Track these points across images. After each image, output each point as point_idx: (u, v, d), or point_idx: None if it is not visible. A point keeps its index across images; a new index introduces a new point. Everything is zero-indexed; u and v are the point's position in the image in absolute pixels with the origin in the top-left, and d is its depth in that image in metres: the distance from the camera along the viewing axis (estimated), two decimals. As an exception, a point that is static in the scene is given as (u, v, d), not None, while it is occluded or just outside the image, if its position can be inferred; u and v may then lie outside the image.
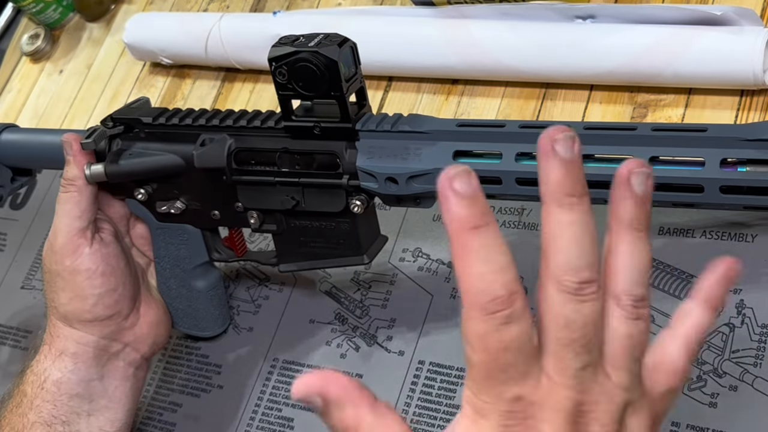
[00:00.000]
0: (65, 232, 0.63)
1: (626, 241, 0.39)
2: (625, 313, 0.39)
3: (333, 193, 0.60)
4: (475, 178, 0.37)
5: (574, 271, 0.38)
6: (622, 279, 0.39)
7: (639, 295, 0.39)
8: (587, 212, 0.38)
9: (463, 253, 0.37)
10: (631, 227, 0.39)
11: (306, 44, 0.55)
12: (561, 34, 0.70)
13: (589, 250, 0.38)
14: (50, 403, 0.63)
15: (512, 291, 0.37)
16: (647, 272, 0.40)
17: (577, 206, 0.38)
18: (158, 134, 0.64)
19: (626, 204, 0.39)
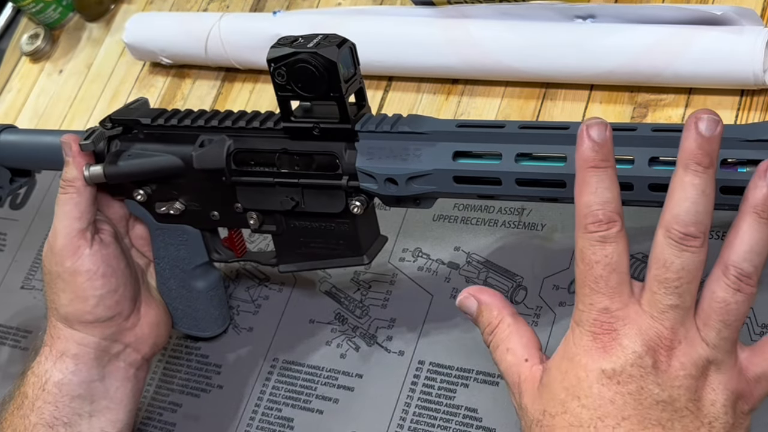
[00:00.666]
0: (65, 234, 0.63)
1: (748, 221, 0.44)
2: (728, 281, 0.44)
3: (332, 194, 0.59)
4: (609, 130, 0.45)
5: (682, 223, 0.44)
6: (734, 251, 0.44)
7: (745, 270, 0.44)
8: (708, 182, 0.44)
9: (580, 184, 0.46)
10: (756, 211, 0.44)
11: (305, 45, 0.55)
12: (561, 34, 0.70)
13: (701, 210, 0.44)
14: (52, 405, 0.63)
15: (610, 219, 0.45)
16: (760, 254, 0.44)
17: (700, 173, 0.44)
18: (157, 135, 0.64)
19: (758, 192, 0.44)
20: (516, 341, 0.49)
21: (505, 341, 0.49)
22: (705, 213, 0.44)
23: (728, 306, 0.44)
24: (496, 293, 0.51)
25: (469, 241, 0.68)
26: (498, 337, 0.50)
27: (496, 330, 0.50)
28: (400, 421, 0.63)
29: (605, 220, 0.45)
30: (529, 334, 0.50)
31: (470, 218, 0.69)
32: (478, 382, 0.62)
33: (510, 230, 0.67)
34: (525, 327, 0.50)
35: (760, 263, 0.44)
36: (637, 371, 0.44)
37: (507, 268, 0.65)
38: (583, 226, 0.46)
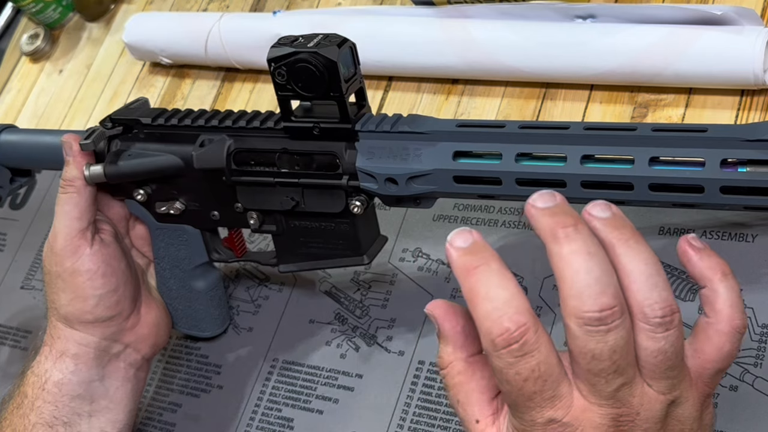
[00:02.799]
0: (65, 234, 0.63)
1: (621, 253, 0.39)
2: (651, 328, 0.39)
3: (333, 194, 0.59)
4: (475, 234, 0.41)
5: (590, 301, 0.38)
6: (636, 290, 0.39)
7: (659, 300, 0.39)
8: (586, 238, 0.39)
9: (469, 297, 0.40)
10: (617, 239, 0.40)
11: (305, 45, 0.55)
12: (561, 34, 0.70)
13: (599, 274, 0.38)
14: (51, 404, 0.63)
15: (520, 323, 0.38)
16: (657, 273, 0.39)
17: (572, 235, 0.39)
18: (157, 135, 0.64)
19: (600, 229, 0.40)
20: (467, 393, 0.43)
21: (454, 390, 0.44)
22: (605, 275, 0.38)
23: (667, 353, 0.40)
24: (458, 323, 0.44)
25: (469, 241, 0.67)
26: (447, 382, 0.44)
27: (446, 372, 0.44)
28: (400, 421, 0.63)
29: (514, 328, 0.38)
30: (482, 383, 0.43)
31: (470, 218, 0.69)
32: (478, 382, 0.62)
33: (510, 230, 0.67)
34: (480, 371, 0.44)
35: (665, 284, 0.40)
36: None
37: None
38: (491, 343, 0.39)
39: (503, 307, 0.39)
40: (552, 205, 0.40)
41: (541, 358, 0.39)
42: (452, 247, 0.41)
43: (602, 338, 0.38)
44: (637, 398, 0.40)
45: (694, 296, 0.58)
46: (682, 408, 0.41)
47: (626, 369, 0.39)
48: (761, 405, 0.54)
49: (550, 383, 0.39)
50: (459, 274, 0.40)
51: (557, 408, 0.40)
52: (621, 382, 0.39)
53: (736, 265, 0.57)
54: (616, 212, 0.40)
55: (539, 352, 0.39)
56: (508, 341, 0.38)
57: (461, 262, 0.40)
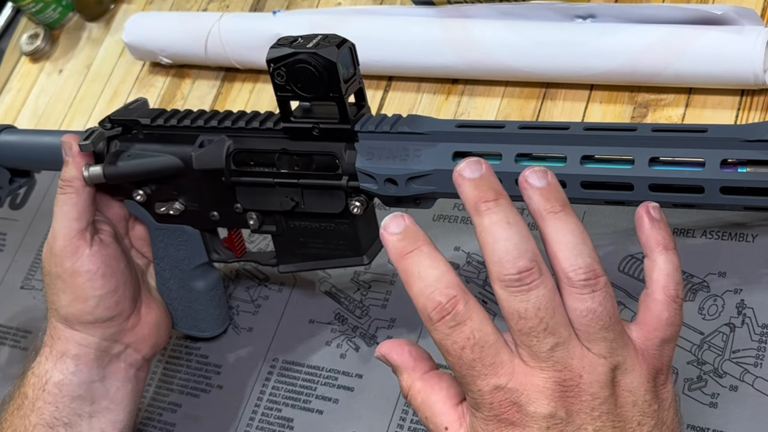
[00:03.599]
0: (64, 234, 0.63)
1: (549, 223, 0.43)
2: (577, 290, 0.42)
3: (332, 195, 0.59)
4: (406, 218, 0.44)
5: (508, 264, 0.41)
6: (562, 258, 0.42)
7: (584, 267, 0.42)
8: (506, 210, 0.42)
9: (403, 277, 0.43)
10: (546, 211, 0.43)
11: (304, 45, 0.55)
12: (561, 34, 0.70)
13: (517, 241, 0.41)
14: (52, 405, 0.63)
15: (450, 296, 0.42)
16: (582, 242, 0.42)
17: (493, 208, 0.42)
18: (156, 135, 0.64)
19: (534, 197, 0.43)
20: (430, 407, 0.45)
21: (420, 409, 0.46)
22: (523, 241, 0.41)
23: (596, 313, 0.42)
24: (404, 350, 0.47)
25: (469, 241, 0.67)
26: (413, 404, 0.46)
27: (408, 397, 0.47)
28: (400, 421, 0.63)
29: (445, 299, 0.42)
30: (443, 393, 0.46)
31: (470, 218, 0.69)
32: (478, 382, 0.62)
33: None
34: (438, 383, 0.46)
35: (590, 250, 0.42)
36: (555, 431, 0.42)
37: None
38: (428, 318, 0.42)
39: (435, 284, 0.42)
40: (477, 176, 0.43)
41: (474, 325, 0.42)
42: (387, 232, 0.44)
43: (524, 297, 0.41)
44: (576, 360, 0.42)
45: (694, 296, 0.58)
46: (629, 377, 0.43)
47: (557, 328, 0.41)
48: (761, 405, 0.53)
49: (487, 350, 0.42)
50: (394, 258, 0.43)
51: (500, 375, 0.42)
52: (554, 341, 0.41)
53: (736, 265, 0.58)
54: (551, 181, 0.43)
55: (471, 320, 0.42)
56: (442, 313, 0.42)
57: (396, 247, 0.43)
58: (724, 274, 0.58)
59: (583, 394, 0.42)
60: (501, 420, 0.42)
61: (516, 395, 0.42)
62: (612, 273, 0.61)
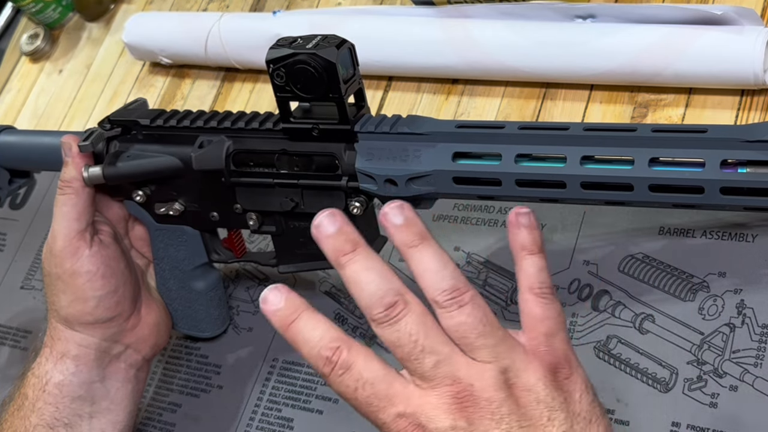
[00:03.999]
0: (64, 235, 0.63)
1: (411, 258, 0.46)
2: (446, 310, 0.45)
3: (332, 195, 0.59)
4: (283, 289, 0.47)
5: (375, 305, 0.45)
6: (427, 285, 0.45)
7: (447, 288, 0.45)
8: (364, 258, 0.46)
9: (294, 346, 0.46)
10: (407, 247, 0.46)
11: (304, 46, 0.55)
12: (561, 34, 0.70)
13: (379, 282, 0.45)
14: (52, 406, 0.63)
15: (333, 348, 0.45)
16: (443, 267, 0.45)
17: (352, 259, 0.46)
18: (156, 136, 0.64)
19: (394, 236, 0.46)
20: None
21: None
22: (384, 281, 0.45)
23: (468, 324, 0.45)
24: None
25: (469, 241, 0.67)
26: None
27: None
28: (400, 421, 0.63)
29: (330, 354, 0.45)
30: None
31: (470, 218, 0.69)
32: (478, 382, 0.62)
33: (510, 230, 0.67)
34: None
35: (452, 272, 0.45)
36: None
37: (507, 268, 0.65)
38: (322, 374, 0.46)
39: (318, 343, 0.46)
40: (333, 231, 0.46)
41: (360, 366, 0.45)
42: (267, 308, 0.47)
43: (395, 328, 0.45)
44: (463, 371, 0.44)
45: (694, 296, 0.58)
46: (523, 377, 0.45)
47: (434, 347, 0.44)
48: (761, 405, 0.53)
49: (378, 384, 0.45)
50: (280, 332, 0.47)
51: (397, 403, 0.45)
52: (435, 359, 0.44)
53: (736, 265, 0.58)
54: (408, 215, 0.46)
55: (356, 362, 0.45)
56: (330, 365, 0.45)
57: (278, 320, 0.46)
58: (724, 274, 0.58)
59: (479, 401, 0.44)
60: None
61: (416, 417, 0.44)
62: (612, 273, 0.61)
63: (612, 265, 0.61)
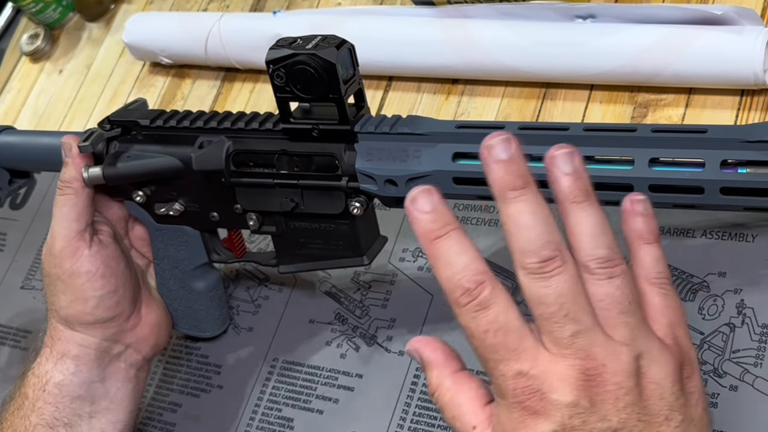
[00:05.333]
0: (63, 235, 0.63)
1: (571, 213, 0.43)
2: (595, 277, 0.42)
3: (332, 195, 0.59)
4: (435, 195, 0.43)
5: (531, 253, 0.42)
6: (581, 247, 0.43)
7: (602, 256, 0.42)
8: (532, 199, 0.42)
9: (432, 261, 0.43)
10: (569, 201, 0.43)
11: (303, 46, 0.55)
12: (561, 34, 0.70)
13: (541, 231, 0.42)
14: (52, 405, 0.63)
15: (478, 282, 0.42)
16: (602, 233, 0.43)
17: (520, 197, 0.42)
18: (156, 137, 0.64)
19: (559, 183, 0.43)
20: (459, 406, 0.45)
21: (448, 407, 0.46)
22: (548, 231, 0.42)
23: (614, 297, 0.42)
24: (438, 347, 0.47)
25: (469, 242, 0.67)
26: (440, 402, 0.46)
27: (437, 394, 0.46)
28: (400, 421, 0.63)
29: (473, 286, 0.42)
30: (472, 393, 0.45)
31: (470, 218, 0.69)
32: (478, 382, 0.62)
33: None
34: (467, 383, 0.46)
35: (609, 241, 0.43)
36: (578, 420, 0.41)
37: (507, 268, 0.65)
38: (455, 302, 0.43)
39: (462, 271, 0.43)
40: (506, 158, 0.42)
41: (499, 310, 0.42)
42: (416, 209, 0.43)
43: (545, 283, 0.42)
44: (599, 348, 0.42)
45: (694, 296, 0.58)
46: (654, 368, 0.42)
47: (578, 315, 0.42)
48: (761, 405, 0.53)
49: (511, 335, 0.42)
50: (422, 239, 0.43)
51: (523, 360, 0.42)
52: (575, 328, 0.42)
53: (736, 265, 0.58)
54: (577, 167, 0.43)
55: (496, 305, 0.42)
56: (468, 298, 0.42)
57: (426, 228, 0.43)
58: (724, 274, 0.58)
59: (607, 384, 0.41)
60: (524, 407, 0.42)
61: (539, 382, 0.42)
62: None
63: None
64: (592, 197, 0.43)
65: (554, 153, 0.43)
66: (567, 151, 0.43)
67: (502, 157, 0.42)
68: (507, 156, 0.42)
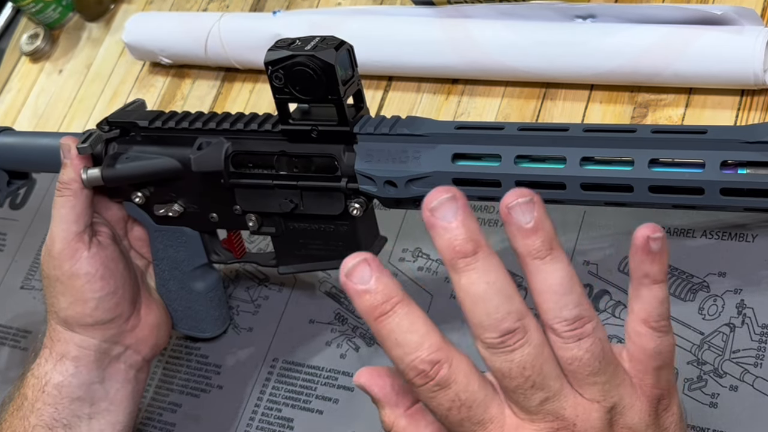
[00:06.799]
0: (62, 237, 0.63)
1: (534, 271, 0.39)
2: (562, 340, 0.39)
3: (331, 196, 0.59)
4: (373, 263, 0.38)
5: (490, 328, 0.38)
6: (547, 308, 0.39)
7: (569, 318, 0.39)
8: (485, 266, 0.38)
9: (381, 341, 0.39)
10: (531, 257, 0.39)
11: (302, 48, 0.55)
12: (561, 34, 0.70)
13: (499, 301, 0.38)
14: (51, 407, 0.63)
15: (433, 361, 0.39)
16: (569, 291, 0.39)
17: (471, 264, 0.38)
18: (154, 138, 0.64)
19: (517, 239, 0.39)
20: None
21: None
22: (506, 301, 0.38)
23: (583, 360, 0.39)
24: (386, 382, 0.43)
25: (469, 242, 0.67)
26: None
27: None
28: (400, 422, 0.63)
29: (428, 367, 0.39)
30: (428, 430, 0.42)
31: (470, 218, 0.69)
32: (478, 382, 0.62)
33: (510, 231, 0.66)
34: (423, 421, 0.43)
35: (577, 298, 0.39)
36: None
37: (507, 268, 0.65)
38: (411, 382, 0.40)
39: (415, 351, 0.39)
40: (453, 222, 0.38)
41: (459, 388, 0.39)
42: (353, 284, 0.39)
43: (508, 357, 0.39)
44: (569, 410, 0.40)
45: (694, 296, 0.58)
46: (628, 416, 0.41)
47: (545, 383, 0.39)
48: (761, 405, 0.53)
49: (474, 408, 0.40)
50: (366, 318, 0.39)
51: (489, 430, 0.40)
52: (543, 396, 0.40)
53: (736, 265, 0.58)
54: (538, 217, 0.38)
55: (456, 383, 0.39)
56: (425, 380, 0.39)
57: (367, 307, 0.39)
58: (724, 274, 0.58)
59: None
60: None
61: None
62: (612, 273, 0.61)
63: (612, 265, 0.61)
64: (556, 249, 0.39)
65: (510, 203, 0.38)
66: (525, 200, 0.38)
67: (448, 221, 0.38)
68: (453, 218, 0.38)
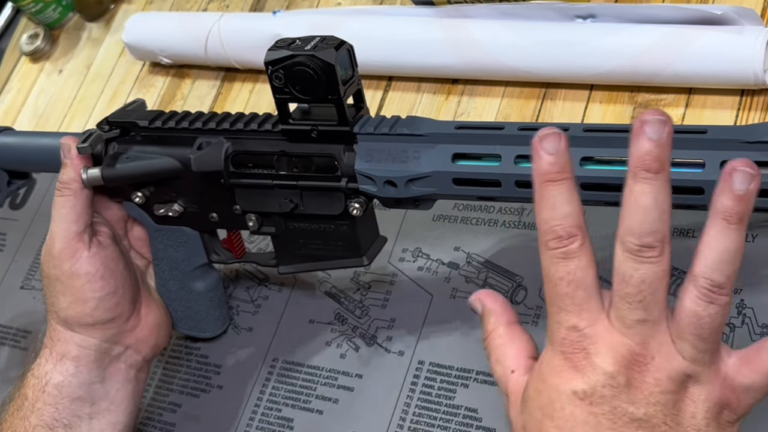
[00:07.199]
0: (62, 237, 0.63)
1: (716, 228, 0.42)
2: (697, 293, 0.42)
3: (331, 196, 0.59)
4: (563, 140, 0.44)
5: (635, 235, 0.42)
6: (703, 262, 0.42)
7: (716, 281, 0.42)
8: (660, 189, 0.42)
9: (539, 200, 0.45)
10: (723, 217, 0.42)
11: (302, 48, 0.55)
12: (561, 34, 0.70)
13: (655, 218, 0.42)
14: (52, 407, 0.63)
15: (570, 234, 0.44)
16: (732, 262, 0.42)
17: (650, 180, 0.42)
18: (155, 138, 0.64)
19: (723, 197, 0.42)
20: (505, 351, 0.49)
21: (495, 351, 0.49)
22: (660, 221, 0.42)
23: (700, 320, 0.42)
24: (499, 299, 0.51)
25: (469, 241, 0.67)
26: (489, 346, 0.50)
27: (488, 338, 0.50)
28: (400, 421, 0.63)
29: (565, 235, 0.44)
30: (521, 344, 0.49)
31: (470, 218, 0.69)
32: (477, 382, 0.62)
33: (510, 230, 0.67)
34: (519, 335, 0.49)
35: (732, 272, 0.42)
36: (609, 391, 0.43)
37: (507, 268, 0.65)
38: (544, 243, 0.45)
39: (562, 219, 0.44)
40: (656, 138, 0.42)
41: (580, 264, 0.44)
42: (541, 148, 0.44)
43: (635, 266, 0.42)
44: (656, 342, 0.43)
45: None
46: (698, 389, 0.43)
47: (651, 306, 0.43)
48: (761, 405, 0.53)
49: (581, 291, 0.44)
50: (536, 177, 0.44)
51: (582, 318, 0.44)
52: (643, 316, 0.43)
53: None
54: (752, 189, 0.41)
55: (579, 259, 0.44)
56: (557, 244, 0.44)
57: (544, 168, 0.44)
58: (724, 274, 0.58)
59: (647, 375, 0.43)
60: (567, 359, 0.44)
61: (588, 342, 0.44)
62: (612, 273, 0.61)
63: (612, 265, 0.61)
64: (744, 224, 0.42)
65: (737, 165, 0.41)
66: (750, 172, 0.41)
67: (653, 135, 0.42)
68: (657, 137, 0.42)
